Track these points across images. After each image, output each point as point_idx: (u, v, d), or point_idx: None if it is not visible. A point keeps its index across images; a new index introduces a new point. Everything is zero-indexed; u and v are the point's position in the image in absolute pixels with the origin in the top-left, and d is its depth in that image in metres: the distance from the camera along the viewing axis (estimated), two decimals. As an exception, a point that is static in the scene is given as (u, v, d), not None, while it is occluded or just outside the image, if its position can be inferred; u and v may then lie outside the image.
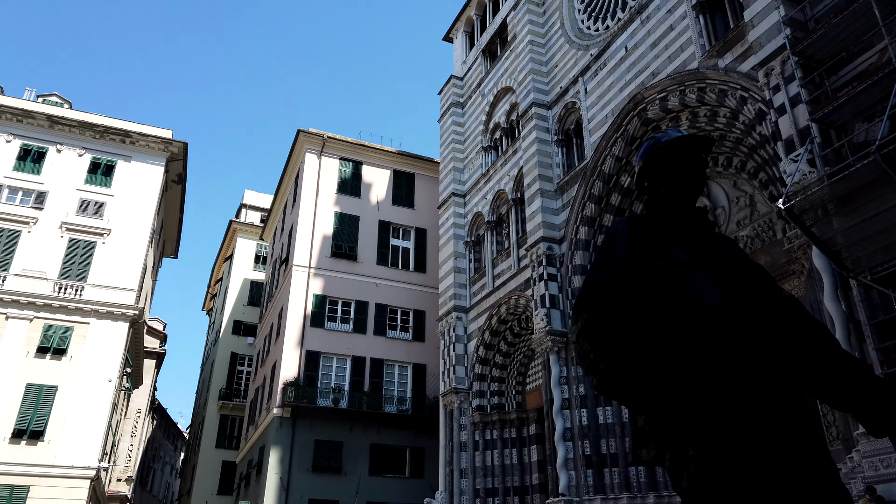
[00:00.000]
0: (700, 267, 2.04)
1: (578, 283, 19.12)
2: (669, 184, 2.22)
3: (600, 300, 1.94)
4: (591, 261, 2.13)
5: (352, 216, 30.83)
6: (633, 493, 16.53)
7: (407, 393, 28.16)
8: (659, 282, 1.99)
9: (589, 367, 1.89)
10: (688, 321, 1.91)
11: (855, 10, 11.91)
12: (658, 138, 2.27)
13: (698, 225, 2.19)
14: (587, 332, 1.89)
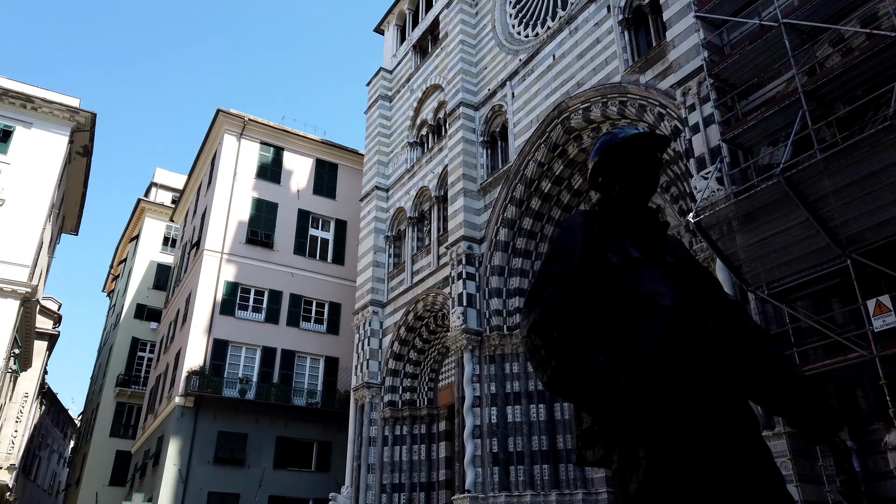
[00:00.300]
0: (653, 265, 2.03)
1: (496, 283, 19.42)
2: (624, 181, 2.19)
3: (554, 294, 1.90)
4: (545, 256, 2.14)
5: (270, 203, 30.03)
6: (536, 491, 16.95)
7: (318, 386, 27.74)
8: (612, 278, 1.97)
9: (539, 363, 1.85)
10: (642, 320, 1.89)
11: (767, 40, 12.65)
12: (615, 134, 2.25)
13: (651, 224, 2.18)
14: (539, 327, 1.85)
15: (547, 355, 1.81)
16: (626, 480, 1.78)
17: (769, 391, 1.98)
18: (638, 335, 1.87)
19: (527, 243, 19.69)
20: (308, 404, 26.90)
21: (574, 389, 1.77)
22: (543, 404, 17.88)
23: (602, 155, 2.24)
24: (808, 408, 1.93)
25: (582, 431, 1.93)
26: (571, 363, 1.77)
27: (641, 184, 2.19)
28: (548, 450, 17.38)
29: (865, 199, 9.79)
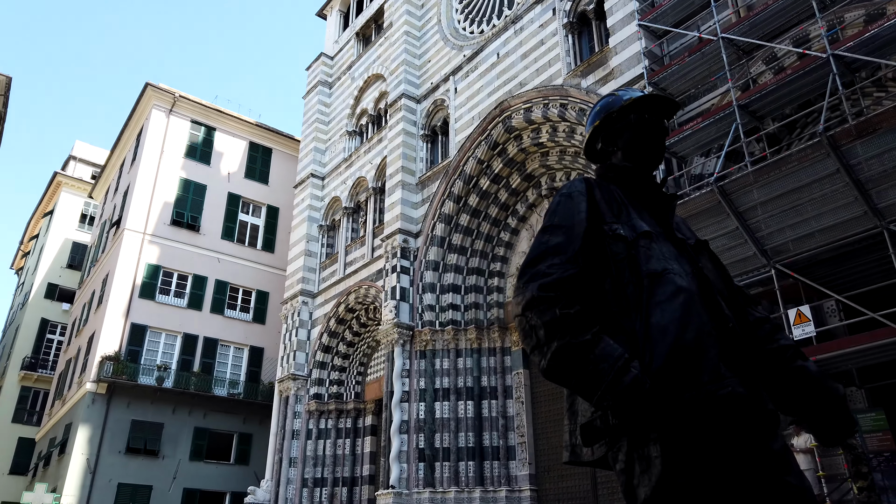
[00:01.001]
0: (662, 240, 1.82)
1: (430, 278, 19.30)
2: (628, 147, 1.99)
3: (554, 267, 1.68)
4: (543, 225, 1.88)
5: (199, 184, 28.89)
6: (461, 488, 16.95)
7: (241, 376, 26.91)
8: (617, 253, 1.76)
9: (536, 345, 1.63)
10: (654, 300, 1.67)
11: (706, 53, 13.02)
12: (618, 96, 2.04)
13: (657, 196, 1.96)
14: (537, 304, 1.63)
15: (546, 336, 1.60)
16: (635, 483, 1.56)
17: (779, 386, 1.80)
18: (651, 317, 1.65)
19: (463, 239, 19.66)
20: (230, 395, 26.06)
21: (577, 376, 1.55)
22: (472, 401, 17.91)
23: (603, 118, 2.04)
24: (822, 406, 1.76)
25: (581, 426, 1.68)
26: (576, 346, 1.55)
27: (647, 151, 1.98)
28: (474, 447, 17.42)
29: (791, 212, 10.18)
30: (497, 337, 18.64)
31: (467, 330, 18.73)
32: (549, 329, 1.60)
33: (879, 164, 9.12)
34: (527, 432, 17.41)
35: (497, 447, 17.50)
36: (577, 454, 1.76)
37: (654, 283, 1.69)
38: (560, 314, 1.60)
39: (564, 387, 1.65)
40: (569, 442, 1.78)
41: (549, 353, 1.59)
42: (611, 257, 1.75)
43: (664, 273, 1.71)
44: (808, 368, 1.81)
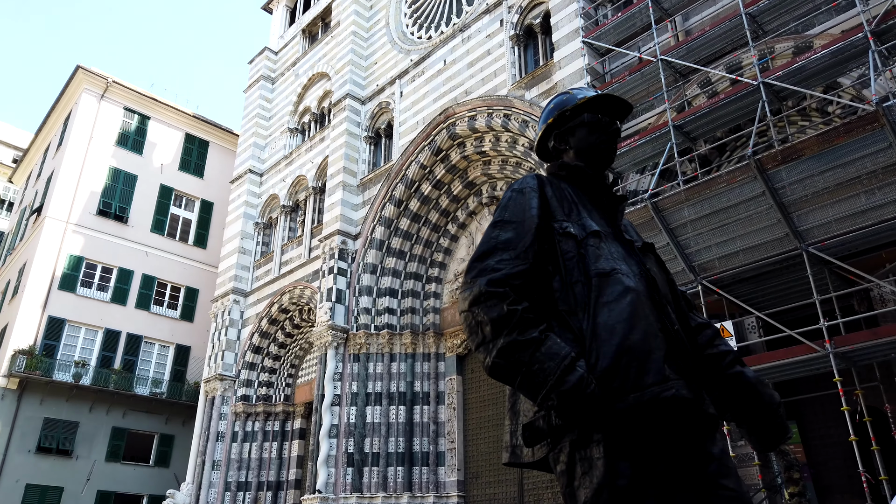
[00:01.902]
0: (611, 240, 1.82)
1: (367, 281, 19.14)
2: (580, 147, 1.98)
3: (503, 263, 1.66)
4: (493, 220, 1.83)
5: (129, 174, 27.77)
6: (388, 493, 16.83)
7: (165, 375, 25.94)
8: (567, 251, 1.74)
9: (482, 342, 1.60)
10: (602, 300, 1.66)
11: (645, 73, 13.46)
12: (573, 94, 2.03)
13: (607, 196, 1.96)
14: (484, 300, 1.60)
15: (493, 333, 1.57)
16: (576, 485, 1.55)
17: (718, 390, 1.81)
18: (598, 316, 1.63)
19: (402, 244, 19.59)
20: (152, 394, 25.07)
21: (522, 374, 1.53)
22: (404, 406, 17.83)
23: (557, 116, 2.03)
24: (758, 412, 1.78)
25: (523, 426, 1.65)
26: (522, 343, 1.53)
27: (599, 151, 1.99)
28: (404, 452, 17.33)
29: (718, 230, 10.61)
30: (432, 342, 18.65)
31: (402, 334, 18.66)
32: (496, 325, 1.57)
33: (802, 189, 9.62)
34: (457, 438, 17.46)
35: (427, 453, 17.47)
36: (517, 455, 1.73)
37: (603, 282, 1.69)
38: (507, 310, 1.57)
39: (508, 385, 1.63)
40: (509, 443, 1.75)
41: (494, 349, 1.57)
42: (560, 255, 1.74)
43: (612, 273, 1.71)
44: (746, 374, 1.84)
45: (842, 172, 9.28)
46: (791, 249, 9.96)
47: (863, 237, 9.56)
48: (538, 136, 2.12)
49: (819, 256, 9.78)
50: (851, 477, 10.11)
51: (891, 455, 10.04)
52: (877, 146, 8.80)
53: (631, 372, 1.56)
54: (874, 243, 9.76)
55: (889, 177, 9.02)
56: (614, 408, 1.52)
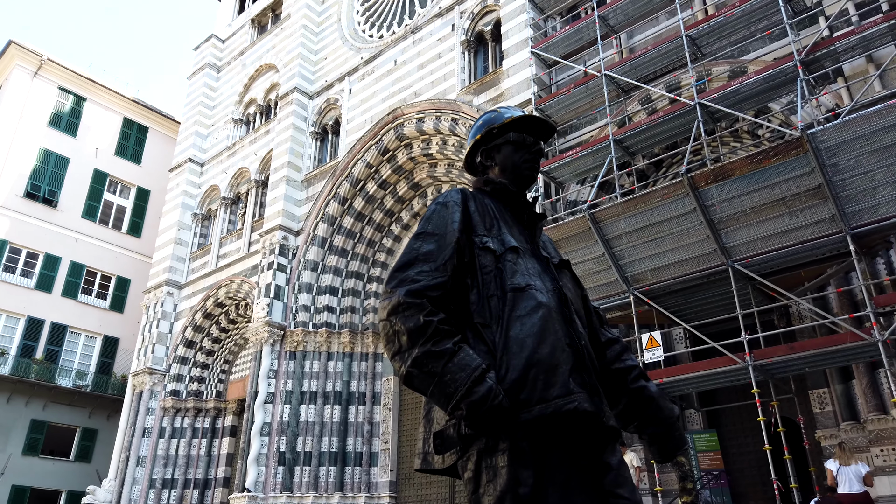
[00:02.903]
0: (528, 256, 1.88)
1: (308, 278, 18.93)
2: (504, 164, 2.05)
3: (423, 274, 1.71)
4: (416, 231, 1.89)
5: (61, 156, 26.62)
6: (319, 493, 16.68)
7: (91, 367, 24.96)
8: (485, 265, 1.80)
9: (398, 351, 1.64)
10: (514, 314, 1.72)
11: (589, 87, 13.79)
12: (500, 113, 2.10)
13: (528, 214, 2.03)
14: (402, 310, 1.64)
15: (409, 342, 1.61)
16: (480, 492, 1.59)
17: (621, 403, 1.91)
18: (510, 329, 1.70)
19: (345, 242, 19.46)
20: (76, 386, 24.08)
21: (434, 384, 1.58)
22: (339, 405, 17.71)
23: (485, 133, 2.10)
24: (657, 424, 1.89)
25: (436, 433, 1.68)
26: (435, 354, 1.58)
27: (522, 170, 2.05)
28: (337, 452, 17.21)
29: (651, 244, 10.96)
30: (371, 342, 18.59)
31: (341, 333, 18.53)
32: (412, 335, 1.62)
33: (730, 208, 10.04)
34: (391, 439, 17.46)
35: (360, 453, 17.40)
36: (428, 462, 1.76)
37: (517, 297, 1.75)
38: (424, 321, 1.62)
39: (422, 394, 1.67)
40: (422, 449, 1.79)
41: (409, 359, 1.61)
42: (479, 269, 1.80)
43: (527, 288, 1.77)
44: (649, 389, 1.95)
45: (768, 193, 9.74)
46: (718, 265, 10.38)
47: (784, 256, 10.06)
48: (466, 150, 2.19)
49: (743, 272, 10.23)
50: (765, 484, 10.64)
51: (802, 464, 10.60)
52: (801, 170, 9.28)
53: (538, 384, 1.62)
54: (794, 262, 10.27)
55: (810, 200, 9.52)
56: (520, 418, 1.59)
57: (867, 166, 9.01)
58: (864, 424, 9.94)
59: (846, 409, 10.30)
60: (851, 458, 8.26)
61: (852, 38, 10.29)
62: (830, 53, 10.55)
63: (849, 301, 10.43)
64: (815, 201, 9.51)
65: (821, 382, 10.92)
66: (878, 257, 10.11)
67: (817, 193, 9.38)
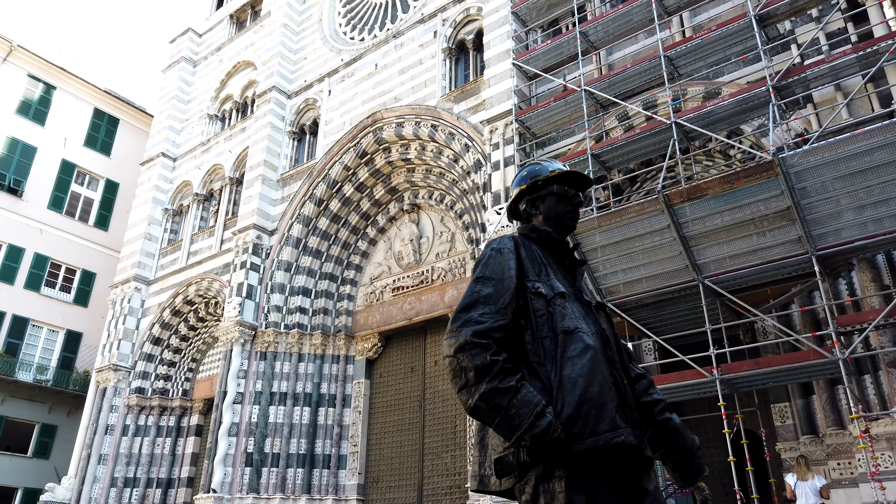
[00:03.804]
0: (573, 300, 2.06)
1: (281, 278, 18.85)
2: (548, 214, 2.24)
3: (486, 316, 1.88)
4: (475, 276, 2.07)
5: (28, 145, 26.04)
6: (286, 495, 16.63)
7: (52, 361, 24.45)
8: (537, 308, 1.97)
9: (464, 385, 1.81)
10: (566, 355, 1.90)
11: (568, 101, 14.05)
12: (544, 166, 2.30)
13: (570, 259, 2.23)
14: (469, 349, 1.82)
15: (475, 378, 1.79)
16: None
17: (649, 433, 2.11)
18: (563, 369, 1.88)
19: (319, 243, 19.43)
20: (36, 381, 23.55)
21: (500, 417, 1.76)
22: (309, 407, 17.67)
23: (530, 184, 2.29)
24: (681, 452, 2.12)
25: (494, 459, 1.86)
26: (501, 390, 1.76)
27: (565, 219, 2.25)
28: (306, 454, 17.17)
29: (625, 257, 11.25)
30: (342, 345, 18.59)
31: (313, 335, 18.50)
32: (479, 372, 1.79)
33: (702, 225, 10.37)
34: (360, 442, 17.49)
35: (329, 455, 17.39)
36: (485, 483, 1.93)
37: (568, 339, 1.94)
38: (490, 360, 1.80)
39: (487, 424, 1.84)
40: (477, 472, 1.97)
41: (476, 393, 1.79)
42: (532, 312, 1.99)
43: (575, 331, 1.96)
44: (673, 420, 2.17)
45: (739, 213, 10.09)
46: (689, 280, 10.70)
47: (752, 274, 10.42)
48: (511, 198, 2.37)
49: (713, 288, 10.57)
50: (728, 495, 10.98)
51: (763, 475, 10.97)
52: (771, 192, 9.64)
53: (589, 420, 1.82)
54: (761, 280, 10.64)
55: (779, 221, 9.90)
56: (574, 449, 1.79)
57: (833, 191, 9.41)
58: (822, 438, 10.35)
59: (806, 423, 10.71)
60: (808, 473, 8.62)
61: (822, 67, 10.71)
62: (801, 80, 10.96)
63: (811, 319, 10.86)
64: (783, 223, 9.88)
65: (782, 397, 11.33)
66: (840, 278, 10.53)
67: (785, 215, 9.75)
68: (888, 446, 8.98)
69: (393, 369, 18.12)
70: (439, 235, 18.20)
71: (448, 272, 17.49)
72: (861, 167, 9.12)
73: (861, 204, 9.36)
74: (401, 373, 17.90)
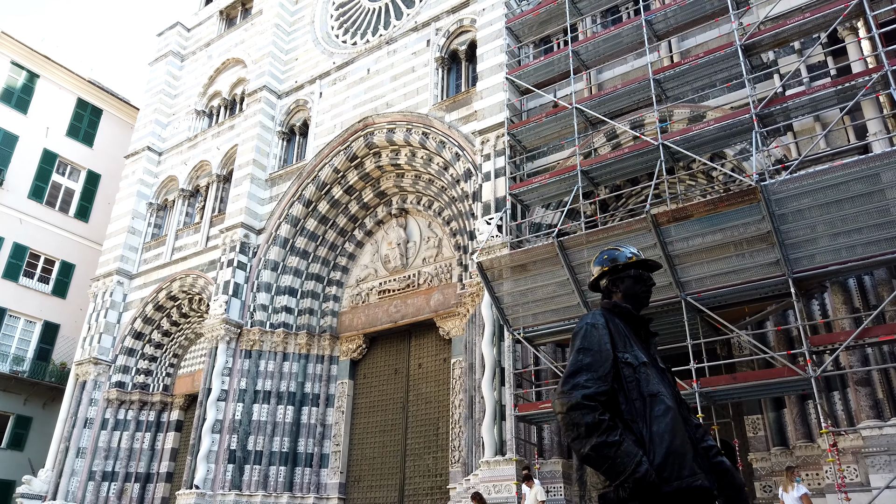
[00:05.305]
0: (652, 367, 2.53)
1: (267, 277, 19.03)
2: (627, 292, 2.71)
3: (591, 381, 2.34)
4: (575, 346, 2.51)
5: (10, 133, 25.74)
6: (268, 493, 16.84)
7: (28, 353, 24.23)
8: (626, 375, 2.43)
9: (577, 437, 2.27)
10: (653, 415, 2.37)
11: (558, 117, 14.51)
12: (623, 252, 2.77)
13: (645, 331, 2.69)
14: (580, 408, 2.28)
15: (586, 433, 2.26)
16: None
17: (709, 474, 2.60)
18: (653, 426, 2.36)
19: (307, 244, 19.65)
20: (12, 372, 23.33)
21: (608, 464, 2.23)
22: (292, 406, 17.89)
23: (611, 267, 2.76)
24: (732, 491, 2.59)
25: (599, 495, 2.34)
26: (608, 444, 2.23)
27: (641, 298, 2.74)
28: (288, 452, 17.41)
29: (612, 272, 11.70)
30: (327, 345, 18.84)
31: (298, 335, 18.72)
32: (589, 428, 2.28)
33: (686, 245, 10.89)
34: (342, 441, 17.77)
35: (311, 454, 17.64)
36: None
37: (653, 401, 2.43)
38: (598, 419, 2.29)
39: (596, 469, 2.31)
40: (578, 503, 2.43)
41: (587, 445, 2.27)
42: (623, 378, 2.46)
43: (658, 394, 2.46)
44: (725, 463, 2.65)
45: (721, 235, 10.62)
46: (672, 297, 11.21)
47: (731, 293, 10.97)
48: (594, 276, 2.86)
49: (694, 305, 11.10)
50: None
51: (733, 483, 11.54)
52: (752, 217, 10.19)
53: (675, 467, 2.32)
54: (740, 298, 11.19)
55: (758, 244, 10.45)
56: (663, 490, 2.28)
57: (811, 218, 9.98)
58: (792, 450, 10.95)
59: (777, 434, 11.31)
60: (790, 484, 9.13)
61: (803, 99, 11.31)
62: (783, 110, 11.54)
63: (784, 337, 11.47)
64: (762, 246, 10.44)
65: (755, 409, 11.92)
66: (813, 299, 11.14)
67: (765, 239, 10.31)
68: (853, 459, 9.59)
69: (377, 371, 18.43)
70: (426, 240, 18.56)
71: (434, 277, 17.85)
72: (837, 197, 9.71)
73: (836, 231, 9.94)
74: (384, 374, 18.22)
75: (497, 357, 13.24)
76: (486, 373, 13.27)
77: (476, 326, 14.85)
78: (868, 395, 9.81)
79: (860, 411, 9.78)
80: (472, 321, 15.26)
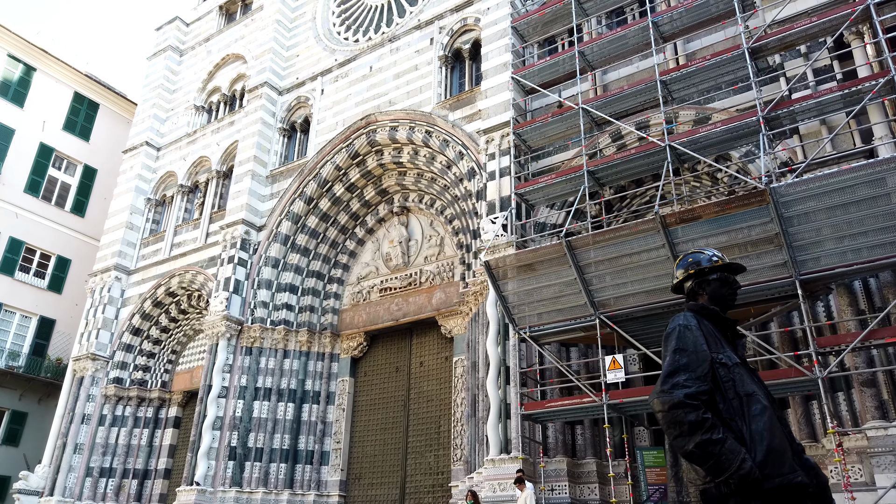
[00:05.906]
0: (743, 367, 2.58)
1: (268, 274, 19.00)
2: (712, 295, 2.78)
3: (690, 381, 2.39)
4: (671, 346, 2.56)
5: (6, 127, 25.53)
6: (268, 489, 16.82)
7: (24, 348, 24.06)
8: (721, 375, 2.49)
9: (680, 434, 2.32)
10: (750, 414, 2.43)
11: (564, 117, 14.56)
12: (707, 255, 2.84)
13: (734, 332, 2.75)
14: (682, 407, 2.32)
15: (689, 430, 2.30)
16: None
17: None
18: (752, 425, 2.42)
19: (308, 241, 19.63)
20: (8, 367, 23.16)
21: (712, 461, 2.28)
22: (293, 403, 17.88)
23: (697, 270, 2.83)
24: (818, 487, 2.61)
25: (701, 491, 2.38)
26: (712, 441, 2.29)
27: (727, 299, 2.81)
28: (289, 449, 17.40)
29: (618, 273, 11.78)
30: (328, 342, 18.83)
31: (299, 332, 18.70)
32: (692, 426, 2.33)
33: (694, 246, 10.96)
34: (343, 439, 17.78)
35: (312, 451, 17.64)
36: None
37: (749, 400, 2.50)
38: (702, 417, 2.34)
39: (699, 465, 2.35)
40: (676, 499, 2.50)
41: (691, 442, 2.32)
42: (719, 378, 2.52)
43: (753, 394, 2.52)
44: (810, 461, 2.68)
45: (728, 237, 10.70)
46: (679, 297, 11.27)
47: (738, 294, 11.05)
48: (678, 279, 2.92)
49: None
50: None
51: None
52: (760, 219, 10.27)
53: (776, 464, 2.39)
54: (746, 300, 11.25)
55: (765, 246, 10.54)
56: (765, 486, 2.34)
57: (817, 221, 10.08)
58: (795, 450, 11.06)
59: (780, 435, 11.41)
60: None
61: (809, 102, 11.41)
62: (789, 113, 11.65)
63: (789, 338, 11.57)
64: (769, 247, 10.52)
65: (758, 409, 12.02)
66: (818, 301, 11.25)
67: (773, 241, 10.39)
68: (858, 459, 9.71)
69: (378, 368, 18.44)
70: (428, 239, 18.57)
71: (436, 275, 17.88)
72: (843, 200, 9.81)
73: (842, 234, 10.04)
74: (385, 372, 18.24)
75: (502, 355, 13.29)
76: (490, 371, 13.31)
77: (479, 325, 14.89)
78: (873, 395, 9.93)
79: (865, 412, 9.89)
80: (476, 320, 15.31)
